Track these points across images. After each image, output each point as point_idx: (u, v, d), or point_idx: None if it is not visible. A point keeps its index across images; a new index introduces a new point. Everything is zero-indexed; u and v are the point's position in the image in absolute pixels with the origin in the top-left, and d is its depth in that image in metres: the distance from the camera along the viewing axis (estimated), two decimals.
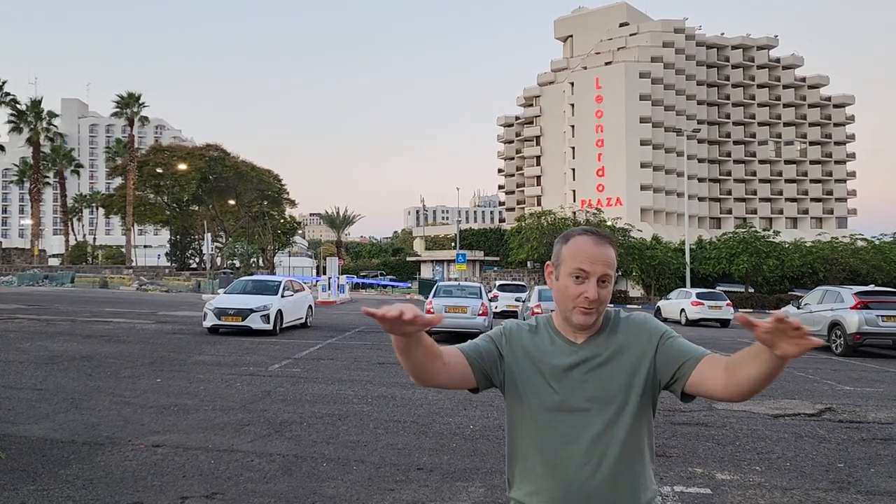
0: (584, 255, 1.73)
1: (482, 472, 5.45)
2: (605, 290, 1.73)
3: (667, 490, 5.03)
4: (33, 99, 59.98)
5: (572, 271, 1.73)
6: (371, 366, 11.55)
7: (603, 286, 1.73)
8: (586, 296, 1.71)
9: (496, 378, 1.82)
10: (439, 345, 1.69)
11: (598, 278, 1.72)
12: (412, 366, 1.67)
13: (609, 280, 1.74)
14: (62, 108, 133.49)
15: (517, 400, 1.80)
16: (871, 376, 11.98)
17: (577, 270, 1.73)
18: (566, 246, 1.78)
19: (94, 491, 4.72)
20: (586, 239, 1.76)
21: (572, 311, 1.75)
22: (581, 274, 1.72)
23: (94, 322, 18.15)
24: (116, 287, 45.96)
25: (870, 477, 5.62)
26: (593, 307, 1.73)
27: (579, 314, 1.74)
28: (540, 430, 1.76)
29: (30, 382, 8.97)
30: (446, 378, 1.74)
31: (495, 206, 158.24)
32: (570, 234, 1.81)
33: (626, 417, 1.73)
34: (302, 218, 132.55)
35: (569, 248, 1.77)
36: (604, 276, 1.72)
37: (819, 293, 17.17)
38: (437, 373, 1.71)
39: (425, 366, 1.68)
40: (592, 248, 1.74)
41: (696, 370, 1.69)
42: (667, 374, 1.75)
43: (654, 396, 1.79)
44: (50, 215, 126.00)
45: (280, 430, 6.67)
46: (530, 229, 46.01)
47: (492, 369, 1.80)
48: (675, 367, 1.73)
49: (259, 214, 71.12)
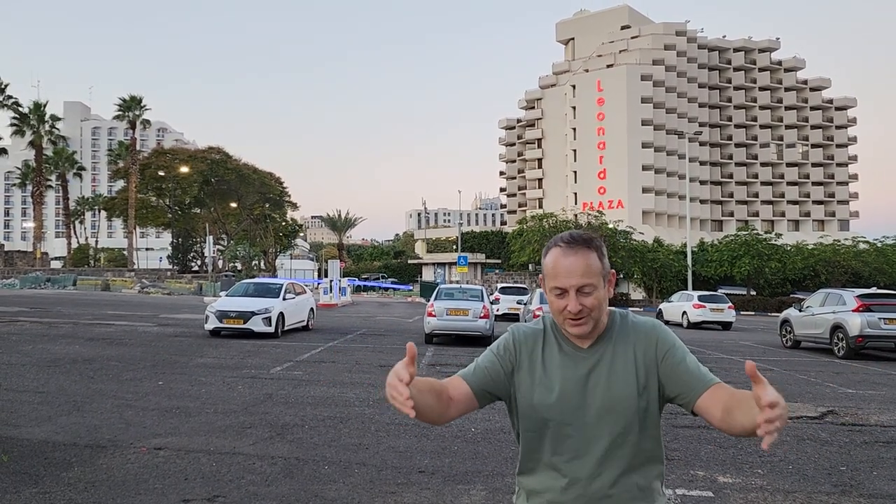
0: (556, 272, 1.72)
1: (483, 475, 5.45)
2: (588, 299, 1.71)
3: (669, 493, 5.03)
4: (36, 102, 60.12)
5: (551, 289, 1.74)
6: (373, 368, 11.55)
7: (585, 296, 1.71)
8: (568, 309, 1.71)
9: (503, 393, 1.81)
10: (442, 347, 1.67)
11: (576, 291, 1.70)
12: (426, 412, 1.65)
13: (591, 288, 1.71)
14: (64, 111, 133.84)
15: (526, 412, 1.78)
16: (873, 379, 11.95)
17: (553, 289, 1.73)
18: (545, 261, 1.78)
19: (96, 494, 4.72)
20: (557, 252, 1.74)
21: (563, 323, 1.75)
22: (559, 292, 1.72)
23: (96, 325, 18.17)
24: (118, 290, 46.01)
25: (872, 480, 5.61)
26: (580, 318, 1.71)
27: (570, 326, 1.74)
28: (548, 440, 1.74)
29: (32, 385, 8.98)
30: (455, 411, 1.75)
31: (497, 208, 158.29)
32: (549, 245, 1.79)
33: (634, 428, 1.72)
34: (303, 221, 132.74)
35: (546, 264, 1.77)
36: (581, 286, 1.70)
37: (821, 296, 17.16)
38: (446, 409, 1.72)
39: (436, 407, 1.69)
40: (563, 262, 1.72)
41: (701, 397, 1.69)
42: (672, 391, 1.74)
43: (661, 406, 1.78)
44: (52, 218, 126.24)
45: (282, 433, 6.67)
46: (532, 232, 45.98)
47: (497, 387, 1.80)
48: (682, 389, 1.72)
49: (261, 217, 71.17)
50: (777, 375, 12.07)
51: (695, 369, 1.73)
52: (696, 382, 1.71)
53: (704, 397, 1.68)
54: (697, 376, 1.71)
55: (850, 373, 12.77)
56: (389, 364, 12.09)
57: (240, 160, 66.96)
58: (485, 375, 1.79)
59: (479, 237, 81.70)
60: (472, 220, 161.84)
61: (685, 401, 1.72)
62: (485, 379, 1.79)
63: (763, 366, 13.48)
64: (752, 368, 1.44)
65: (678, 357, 1.74)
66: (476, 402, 1.78)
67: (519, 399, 1.79)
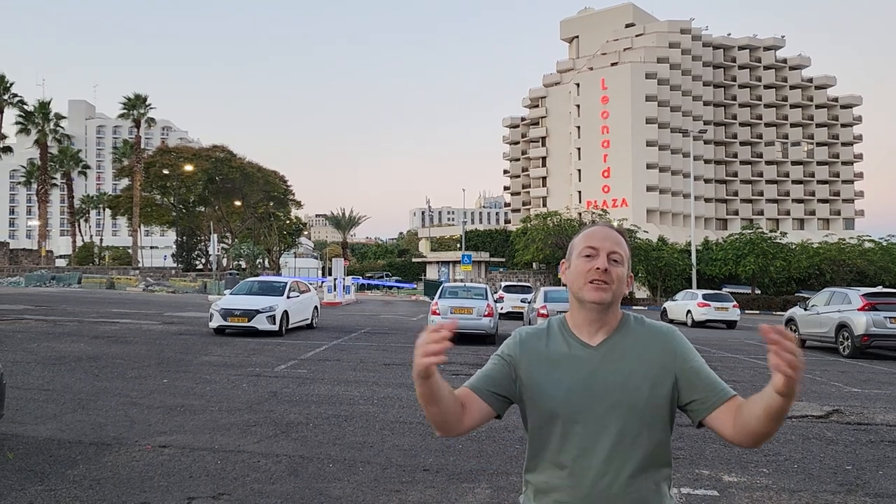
0: (590, 238, 1.79)
1: (488, 473, 5.45)
2: (617, 269, 1.74)
3: (674, 492, 5.01)
4: (41, 100, 60.34)
5: (582, 251, 1.77)
6: (377, 367, 11.55)
7: (615, 265, 1.74)
8: (597, 266, 1.72)
9: (514, 395, 1.80)
10: (446, 354, 1.67)
11: (607, 254, 1.74)
12: (439, 412, 1.68)
13: (621, 261, 1.75)
14: (69, 110, 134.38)
15: (533, 409, 1.76)
16: (878, 378, 11.92)
17: (586, 249, 1.77)
18: (577, 237, 1.84)
19: (101, 491, 4.73)
20: (596, 227, 1.83)
21: (584, 287, 1.74)
22: (591, 252, 1.75)
23: (100, 323, 18.22)
24: (123, 288, 46.11)
25: (878, 479, 5.59)
26: (606, 281, 1.72)
27: (591, 290, 1.73)
28: (556, 440, 1.73)
29: (37, 383, 9.01)
30: (469, 421, 1.75)
31: (501, 207, 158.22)
32: (582, 229, 1.88)
33: (643, 429, 1.69)
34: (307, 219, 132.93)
35: (580, 237, 1.83)
36: (613, 252, 1.75)
37: (826, 295, 17.11)
38: (459, 417, 1.73)
39: (449, 412, 1.70)
40: (602, 231, 1.80)
41: (718, 409, 1.69)
42: (686, 398, 1.73)
43: (671, 411, 1.75)
44: (57, 216, 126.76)
45: (286, 431, 6.67)
46: (536, 230, 45.98)
47: (508, 390, 1.79)
48: (697, 397, 1.71)
49: (265, 215, 71.28)
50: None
51: (714, 380, 1.72)
52: (712, 393, 1.70)
53: (722, 409, 1.68)
54: (715, 387, 1.71)
55: (856, 372, 12.73)
56: (394, 363, 12.10)
57: (244, 158, 67.10)
58: (491, 378, 1.79)
59: (483, 236, 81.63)
60: (475, 219, 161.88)
61: (698, 408, 1.71)
62: (491, 382, 1.78)
63: (767, 365, 13.45)
64: (766, 328, 1.48)
65: (696, 366, 1.73)
66: (489, 409, 1.78)
67: (527, 395, 1.78)
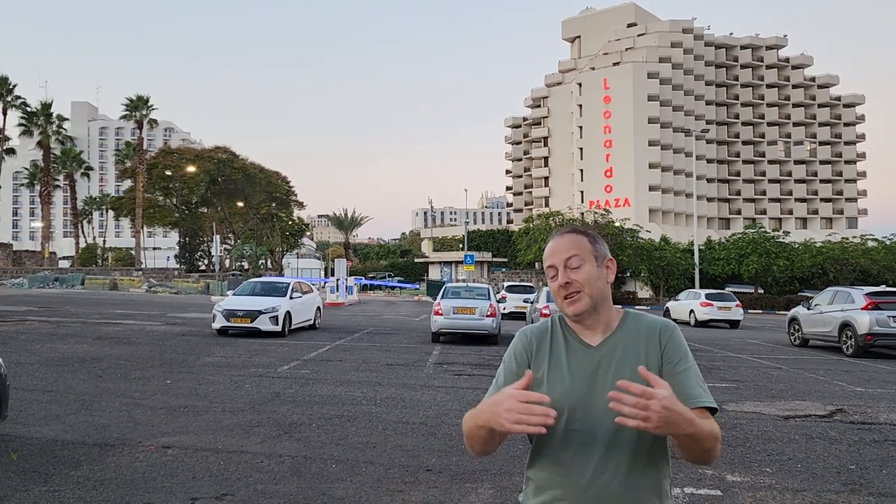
0: (549, 255, 1.81)
1: (491, 473, 5.44)
2: (577, 273, 1.76)
3: (677, 492, 5.01)
4: (43, 102, 60.51)
5: (546, 273, 1.82)
6: (379, 367, 11.56)
7: (573, 270, 1.76)
8: (559, 284, 1.76)
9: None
10: (449, 346, 1.66)
11: (563, 265, 1.76)
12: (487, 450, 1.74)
13: (578, 260, 1.76)
14: (72, 112, 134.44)
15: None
16: (882, 377, 11.89)
17: (548, 270, 1.81)
18: (543, 256, 1.87)
19: (105, 492, 4.74)
20: (551, 242, 1.84)
21: (563, 304, 1.78)
22: (552, 272, 1.79)
23: (103, 324, 18.25)
24: (126, 289, 46.19)
25: (882, 478, 5.58)
26: (572, 292, 1.75)
27: (567, 305, 1.77)
28: (557, 437, 1.74)
29: (40, 384, 9.03)
30: (500, 439, 1.75)
31: (503, 207, 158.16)
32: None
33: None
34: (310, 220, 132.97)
35: (543, 258, 1.86)
36: (568, 259, 1.77)
37: (829, 294, 17.08)
38: (497, 443, 1.75)
39: (496, 443, 1.74)
40: (553, 246, 1.81)
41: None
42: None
43: None
44: (60, 218, 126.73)
45: (289, 432, 6.68)
46: (538, 230, 45.92)
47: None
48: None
49: (267, 216, 71.37)
50: (785, 374, 12.03)
51: (689, 384, 1.70)
52: (690, 396, 1.68)
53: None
54: (685, 392, 1.68)
55: (859, 371, 12.70)
56: (396, 363, 12.10)
57: (246, 159, 67.22)
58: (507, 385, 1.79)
59: (485, 236, 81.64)
60: (478, 219, 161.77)
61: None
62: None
63: (772, 364, 13.44)
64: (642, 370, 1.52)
65: (680, 366, 1.73)
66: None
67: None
